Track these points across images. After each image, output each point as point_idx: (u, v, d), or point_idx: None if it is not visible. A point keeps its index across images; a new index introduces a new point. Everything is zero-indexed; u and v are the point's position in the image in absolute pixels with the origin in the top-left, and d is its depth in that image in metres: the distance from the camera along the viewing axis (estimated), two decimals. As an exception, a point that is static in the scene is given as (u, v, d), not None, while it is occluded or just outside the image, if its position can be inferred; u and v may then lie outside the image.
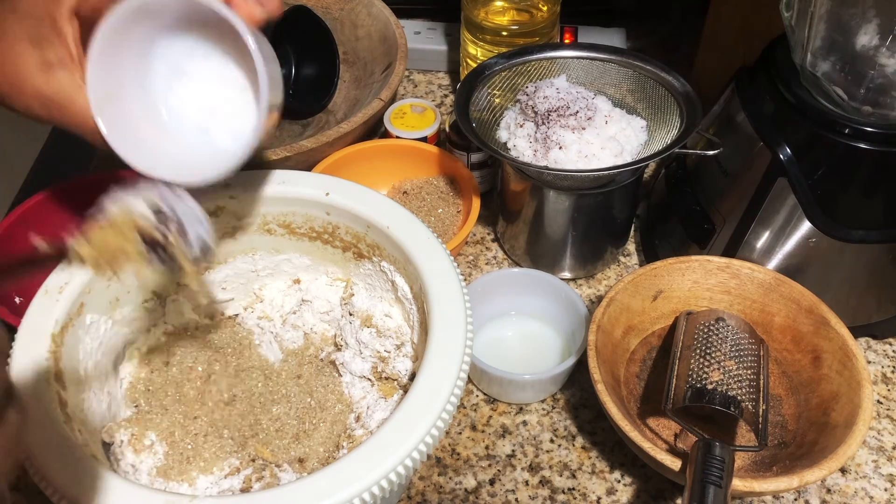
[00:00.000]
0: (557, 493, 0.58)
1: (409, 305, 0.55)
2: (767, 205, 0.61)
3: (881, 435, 0.62)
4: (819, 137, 0.57)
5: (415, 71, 0.94)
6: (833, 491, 0.58)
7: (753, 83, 0.63)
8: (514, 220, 0.71)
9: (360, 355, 0.56)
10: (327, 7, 0.88)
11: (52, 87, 0.44)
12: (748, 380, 0.53)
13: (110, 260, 0.39)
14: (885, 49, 0.56)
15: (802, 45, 0.57)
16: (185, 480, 0.49)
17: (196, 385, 0.53)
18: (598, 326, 0.57)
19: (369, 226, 0.54)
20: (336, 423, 0.53)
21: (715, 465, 0.48)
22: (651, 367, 0.62)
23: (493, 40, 0.79)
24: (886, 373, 0.66)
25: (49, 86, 0.44)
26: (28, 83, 0.44)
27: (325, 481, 0.40)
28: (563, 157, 0.62)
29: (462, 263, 0.74)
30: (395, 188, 0.76)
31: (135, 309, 0.54)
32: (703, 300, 0.63)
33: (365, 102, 0.78)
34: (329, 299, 0.60)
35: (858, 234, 0.60)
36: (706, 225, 0.66)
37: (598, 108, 0.64)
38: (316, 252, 0.59)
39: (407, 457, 0.41)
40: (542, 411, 0.63)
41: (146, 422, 0.51)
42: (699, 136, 0.67)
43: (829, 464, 0.49)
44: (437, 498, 0.57)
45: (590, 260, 0.71)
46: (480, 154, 0.75)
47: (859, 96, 0.56)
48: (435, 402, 0.43)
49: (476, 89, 0.67)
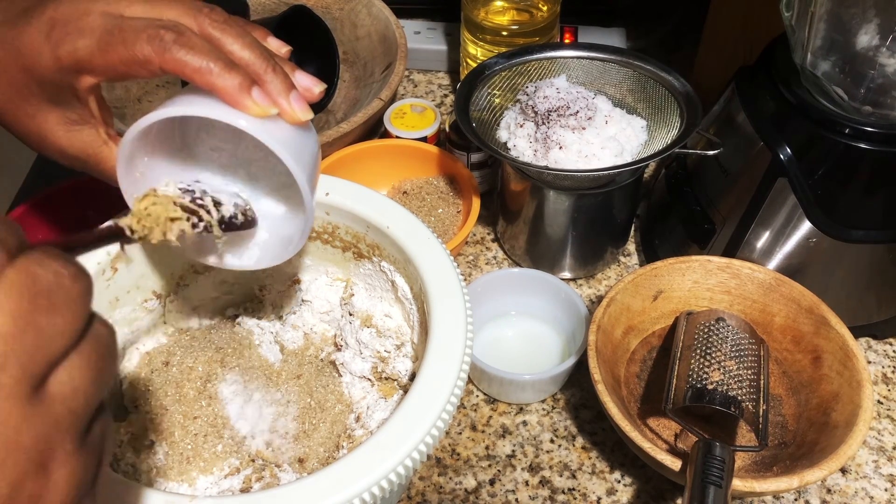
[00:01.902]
0: (557, 494, 0.58)
1: (409, 305, 0.55)
2: (767, 205, 0.61)
3: (881, 435, 0.62)
4: (819, 137, 0.57)
5: (415, 71, 0.94)
6: (833, 491, 0.58)
7: (753, 83, 0.63)
8: (514, 220, 0.70)
9: (360, 355, 0.56)
10: (327, 7, 0.88)
11: (75, 145, 0.44)
12: (748, 380, 0.53)
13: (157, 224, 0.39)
14: (885, 49, 0.56)
15: (802, 45, 0.57)
16: (185, 480, 0.49)
17: (196, 385, 0.53)
18: (599, 326, 0.57)
19: (369, 226, 0.54)
20: (336, 424, 0.53)
21: (715, 466, 0.48)
22: (651, 367, 0.62)
23: (493, 40, 0.79)
24: (886, 373, 0.66)
25: (72, 143, 0.44)
26: (49, 139, 0.44)
27: (325, 481, 0.40)
28: (563, 157, 0.62)
29: (462, 263, 0.74)
30: (395, 188, 0.76)
31: (135, 309, 0.54)
32: (704, 300, 0.63)
33: (365, 102, 0.78)
34: (329, 299, 0.60)
35: (858, 234, 0.60)
36: (706, 225, 0.66)
37: (599, 108, 0.64)
38: (316, 252, 0.59)
39: (407, 457, 0.41)
40: (542, 411, 0.63)
41: (146, 422, 0.51)
42: (699, 136, 0.67)
43: (829, 464, 0.49)
44: (437, 498, 0.57)
45: (590, 260, 0.71)
46: (480, 154, 0.74)
47: (859, 96, 0.56)
48: (435, 403, 0.43)
49: (476, 89, 0.67)
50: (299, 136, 0.43)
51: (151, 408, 0.52)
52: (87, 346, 0.25)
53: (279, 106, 0.41)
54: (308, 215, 0.44)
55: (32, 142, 0.45)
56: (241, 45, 0.41)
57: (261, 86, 0.40)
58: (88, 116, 0.44)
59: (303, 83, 0.43)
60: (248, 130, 0.40)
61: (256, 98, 0.40)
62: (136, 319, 0.55)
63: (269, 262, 0.47)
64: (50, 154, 0.45)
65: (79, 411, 0.25)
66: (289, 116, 0.41)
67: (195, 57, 0.39)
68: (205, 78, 0.39)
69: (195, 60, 0.39)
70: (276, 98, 0.41)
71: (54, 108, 0.43)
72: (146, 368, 0.54)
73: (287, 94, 0.41)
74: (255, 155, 0.48)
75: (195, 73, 0.39)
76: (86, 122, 0.44)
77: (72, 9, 0.40)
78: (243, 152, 0.47)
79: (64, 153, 0.44)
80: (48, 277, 0.24)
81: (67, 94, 0.42)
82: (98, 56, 0.40)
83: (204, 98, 0.40)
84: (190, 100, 0.41)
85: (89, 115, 0.44)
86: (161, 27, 0.39)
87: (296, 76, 0.43)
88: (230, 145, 0.47)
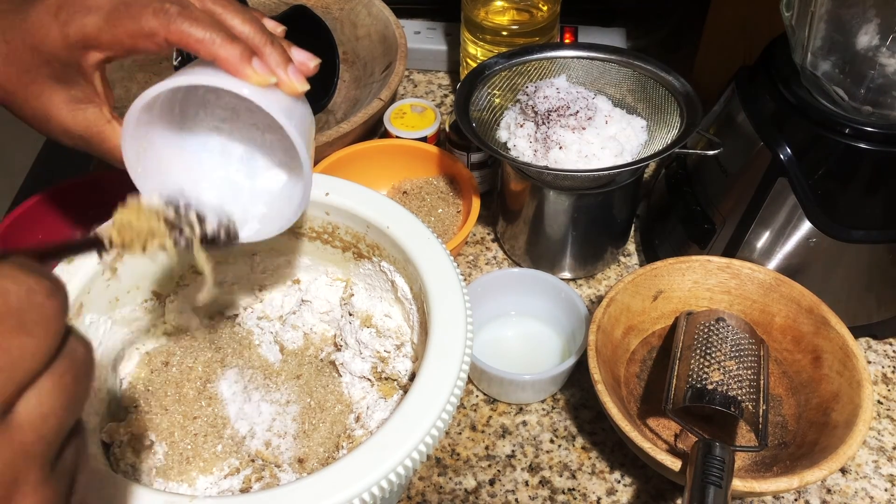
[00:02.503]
0: (557, 494, 0.58)
1: (409, 305, 0.55)
2: (767, 205, 0.61)
3: (881, 435, 0.62)
4: (819, 137, 0.57)
5: (415, 71, 0.94)
6: (833, 491, 0.58)
7: (753, 83, 0.63)
8: (514, 220, 0.70)
9: (360, 355, 0.56)
10: (327, 7, 0.88)
11: (79, 123, 0.45)
12: (748, 380, 0.53)
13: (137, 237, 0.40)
14: (885, 49, 0.56)
15: (802, 45, 0.57)
16: (185, 481, 0.49)
17: (196, 385, 0.53)
18: (599, 326, 0.57)
19: (369, 226, 0.54)
20: (336, 424, 0.53)
21: (715, 466, 0.48)
22: (651, 367, 0.62)
23: (493, 40, 0.79)
24: (886, 373, 0.66)
25: (76, 122, 0.45)
26: (54, 118, 0.45)
27: (324, 481, 0.40)
28: (563, 157, 0.62)
29: (462, 263, 0.74)
30: (395, 188, 0.76)
31: (135, 309, 0.54)
32: (704, 300, 0.63)
33: (365, 102, 0.78)
34: (329, 299, 0.60)
35: (858, 234, 0.60)
36: (706, 225, 0.66)
37: (599, 108, 0.64)
38: (315, 252, 0.59)
39: (407, 457, 0.41)
40: (542, 411, 0.63)
41: (146, 422, 0.51)
42: (699, 136, 0.67)
43: (829, 464, 0.49)
44: (437, 498, 0.57)
45: (590, 260, 0.71)
46: (480, 154, 0.74)
47: (859, 96, 0.56)
48: (435, 403, 0.43)
49: (476, 89, 0.67)
50: (297, 107, 0.44)
51: (151, 408, 0.52)
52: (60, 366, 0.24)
53: (277, 76, 0.42)
54: (307, 181, 0.45)
55: (38, 122, 0.46)
56: (242, 20, 0.43)
57: (260, 57, 0.42)
58: (93, 95, 0.45)
59: (298, 57, 0.45)
60: (251, 97, 0.41)
61: (257, 67, 0.41)
62: (136, 319, 0.55)
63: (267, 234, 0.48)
64: (54, 134, 0.46)
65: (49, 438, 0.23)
66: (287, 87, 0.43)
67: (199, 28, 0.41)
68: (207, 48, 0.41)
69: (199, 32, 0.41)
70: (274, 69, 0.42)
71: (60, 87, 0.44)
72: (146, 368, 0.54)
73: (285, 66, 0.43)
74: (252, 133, 0.49)
75: (198, 44, 0.41)
76: (90, 101, 0.45)
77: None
78: (241, 131, 0.48)
79: (68, 132, 0.46)
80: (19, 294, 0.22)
81: (73, 72, 0.44)
82: (106, 30, 0.41)
83: (207, 69, 0.42)
84: (193, 72, 0.42)
85: (94, 93, 0.45)
86: (166, 1, 0.41)
87: (291, 51, 0.45)
88: (227, 125, 0.48)
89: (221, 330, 0.58)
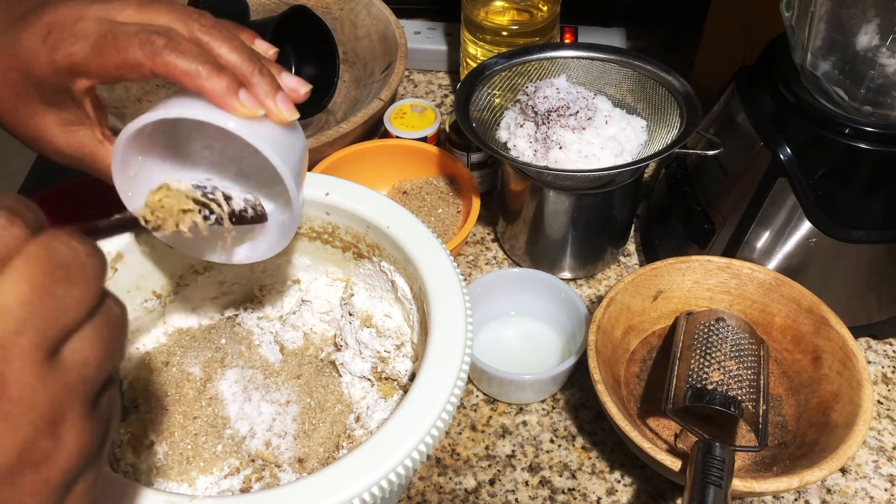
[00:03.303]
0: (557, 494, 0.58)
1: (409, 305, 0.55)
2: (767, 205, 0.61)
3: (881, 435, 0.62)
4: (819, 137, 0.57)
5: (415, 71, 0.94)
6: (833, 491, 0.58)
7: (753, 83, 0.63)
8: (514, 220, 0.70)
9: (360, 355, 0.56)
10: (327, 7, 0.88)
11: (71, 145, 0.45)
12: (748, 380, 0.53)
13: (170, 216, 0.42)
14: (885, 49, 0.56)
15: (802, 45, 0.57)
16: (185, 480, 0.49)
17: (196, 385, 0.53)
18: (598, 326, 0.57)
19: (369, 226, 0.54)
20: (336, 424, 0.53)
21: (715, 466, 0.48)
22: (651, 367, 0.62)
23: (493, 40, 0.79)
24: (886, 373, 0.66)
25: (69, 143, 0.45)
26: (46, 140, 0.45)
27: (324, 481, 0.40)
28: (563, 157, 0.62)
29: (462, 263, 0.74)
30: (395, 188, 0.76)
31: (135, 309, 0.54)
32: (704, 300, 0.63)
33: (365, 102, 0.78)
34: (329, 299, 0.60)
35: (858, 234, 0.60)
36: (706, 225, 0.66)
37: (599, 108, 0.64)
38: (315, 252, 0.59)
39: (407, 457, 0.41)
40: (542, 411, 0.63)
41: (146, 422, 0.51)
42: (699, 136, 0.67)
43: (829, 464, 0.49)
44: (437, 498, 0.57)
45: (590, 260, 0.71)
46: (480, 154, 0.74)
47: (859, 96, 0.56)
48: (435, 403, 0.43)
49: (476, 89, 0.67)
50: (286, 136, 0.44)
51: (151, 408, 0.52)
52: (99, 319, 0.26)
53: (266, 107, 0.42)
54: (294, 213, 0.45)
55: (31, 142, 0.46)
56: (230, 49, 0.42)
57: (248, 88, 0.42)
58: (84, 118, 0.45)
59: (289, 84, 0.44)
60: (236, 132, 0.41)
61: (244, 100, 0.41)
62: (136, 319, 0.55)
63: (257, 258, 0.49)
64: (48, 154, 0.46)
65: (90, 379, 0.26)
66: (275, 117, 0.43)
67: (184, 61, 0.40)
68: (194, 81, 0.40)
69: (184, 64, 0.40)
70: (262, 99, 0.42)
71: (51, 110, 0.44)
72: (146, 368, 0.54)
73: (274, 95, 0.42)
74: (244, 152, 0.48)
75: (184, 77, 0.40)
76: (82, 123, 0.45)
77: (67, 14, 0.41)
78: (233, 150, 0.48)
79: (61, 153, 0.46)
80: (66, 252, 0.25)
81: (64, 96, 0.43)
82: (92, 60, 0.41)
83: (195, 100, 0.42)
84: (181, 102, 0.42)
85: (85, 116, 0.45)
86: (152, 32, 0.40)
87: (282, 77, 0.44)
88: (220, 143, 0.48)
89: (221, 330, 0.58)
